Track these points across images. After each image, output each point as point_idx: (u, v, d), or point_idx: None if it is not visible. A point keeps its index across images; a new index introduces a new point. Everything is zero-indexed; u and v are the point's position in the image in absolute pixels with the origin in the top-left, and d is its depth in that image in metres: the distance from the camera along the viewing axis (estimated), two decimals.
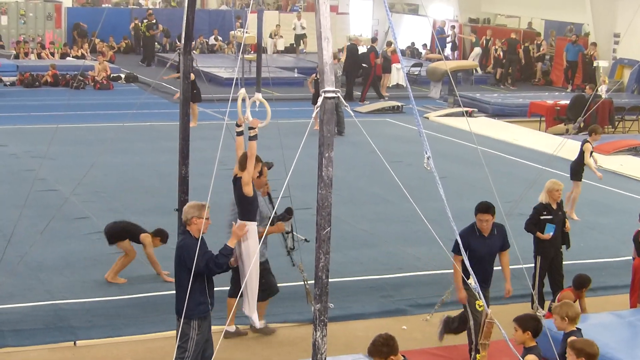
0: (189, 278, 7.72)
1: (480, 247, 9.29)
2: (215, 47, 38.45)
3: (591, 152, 15.19)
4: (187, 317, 7.97)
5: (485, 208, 9.26)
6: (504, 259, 9.54)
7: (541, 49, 33.75)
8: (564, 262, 11.30)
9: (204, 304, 8.17)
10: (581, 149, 15.24)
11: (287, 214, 9.96)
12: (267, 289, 10.10)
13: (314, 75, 22.38)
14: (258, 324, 9.71)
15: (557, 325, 7.92)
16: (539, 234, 10.94)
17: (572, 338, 7.49)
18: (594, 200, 16.45)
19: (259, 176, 9.64)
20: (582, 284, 10.25)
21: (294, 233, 10.17)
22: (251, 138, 8.99)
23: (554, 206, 11.04)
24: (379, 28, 40.73)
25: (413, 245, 13.34)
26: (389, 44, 30.28)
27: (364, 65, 28.33)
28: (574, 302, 10.28)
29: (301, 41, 38.02)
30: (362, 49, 29.92)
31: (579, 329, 7.86)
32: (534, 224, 10.98)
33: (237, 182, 9.29)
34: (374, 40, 30.69)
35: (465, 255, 6.47)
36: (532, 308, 10.82)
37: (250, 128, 9.00)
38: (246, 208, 9.25)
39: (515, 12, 36.15)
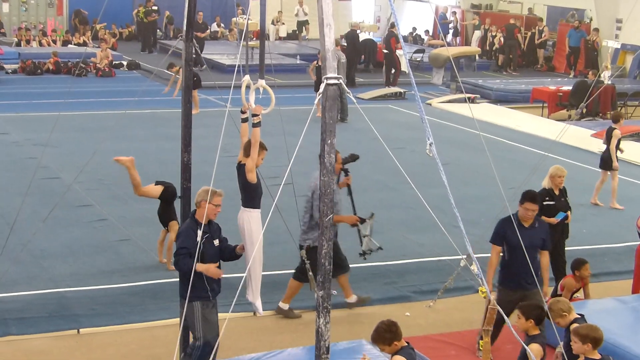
0: None
1: (518, 239, 9.02)
2: (218, 34, 38.35)
3: (619, 140, 15.08)
4: (189, 301, 8.03)
5: (533, 197, 8.99)
6: (543, 259, 9.15)
7: (543, 34, 33.65)
8: (566, 248, 11.30)
9: (202, 290, 8.20)
10: (609, 136, 15.11)
11: (368, 217, 9.94)
12: (301, 273, 10.17)
13: (316, 62, 22.34)
14: (261, 310, 9.70)
15: (561, 324, 7.78)
16: (544, 217, 10.84)
17: (575, 325, 7.44)
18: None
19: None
20: (576, 265, 10.25)
21: (371, 238, 10.12)
22: (255, 125, 8.98)
23: (556, 192, 11.02)
24: (382, 14, 40.62)
25: (416, 232, 13.34)
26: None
27: (385, 51, 28.41)
28: (578, 289, 10.34)
29: (303, 28, 37.93)
30: (363, 36, 29.84)
31: (582, 316, 7.83)
32: None
33: (241, 168, 9.29)
34: (392, 25, 30.64)
35: (468, 242, 6.27)
36: None
37: (254, 115, 8.99)
38: (250, 195, 9.25)
39: None
